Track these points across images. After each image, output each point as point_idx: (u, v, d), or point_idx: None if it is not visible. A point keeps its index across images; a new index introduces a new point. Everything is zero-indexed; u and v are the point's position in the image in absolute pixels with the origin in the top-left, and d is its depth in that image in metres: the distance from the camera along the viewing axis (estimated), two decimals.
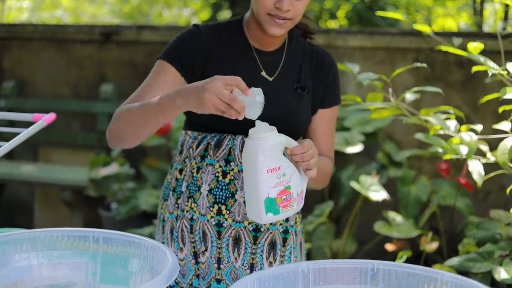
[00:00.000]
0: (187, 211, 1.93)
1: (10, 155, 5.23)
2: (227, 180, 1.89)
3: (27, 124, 2.31)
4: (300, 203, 1.76)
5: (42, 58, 5.17)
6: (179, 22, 10.36)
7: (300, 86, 1.95)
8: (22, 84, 5.23)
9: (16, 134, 2.22)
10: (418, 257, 3.44)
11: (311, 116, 1.98)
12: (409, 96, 2.73)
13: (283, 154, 1.73)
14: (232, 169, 1.89)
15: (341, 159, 3.96)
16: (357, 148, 3.82)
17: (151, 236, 3.80)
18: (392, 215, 3.64)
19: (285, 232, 1.95)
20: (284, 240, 1.95)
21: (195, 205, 1.92)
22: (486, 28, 7.75)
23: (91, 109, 4.98)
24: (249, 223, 1.90)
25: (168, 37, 4.80)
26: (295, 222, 2.00)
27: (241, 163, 1.87)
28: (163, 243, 1.98)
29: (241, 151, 1.87)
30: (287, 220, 1.95)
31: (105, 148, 4.84)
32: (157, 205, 4.11)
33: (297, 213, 1.99)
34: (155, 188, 4.30)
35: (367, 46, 4.30)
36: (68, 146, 5.14)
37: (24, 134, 2.20)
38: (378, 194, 3.61)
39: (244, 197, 1.84)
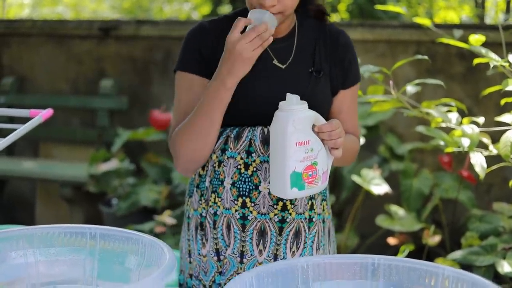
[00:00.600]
0: (210, 206, 1.89)
1: (11, 151, 5.21)
2: (249, 172, 1.85)
3: (25, 120, 2.28)
4: (325, 182, 1.74)
5: (41, 54, 5.14)
6: (180, 16, 10.33)
7: (316, 70, 1.89)
8: (22, 80, 5.20)
9: (13, 130, 2.20)
10: (421, 251, 3.41)
11: (331, 98, 1.93)
12: (410, 88, 2.70)
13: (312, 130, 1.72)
14: (254, 160, 1.85)
15: None
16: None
17: (151, 232, 3.78)
18: (394, 208, 3.62)
19: (310, 220, 1.90)
20: (311, 230, 1.90)
21: (219, 199, 1.87)
22: (488, 20, 7.72)
23: (90, 104, 4.96)
24: (275, 215, 1.85)
25: (167, 31, 4.79)
26: (323, 210, 1.95)
27: (262, 153, 1.84)
28: (189, 240, 1.95)
29: (261, 141, 1.84)
30: (312, 208, 1.89)
31: (105, 143, 4.82)
32: (158, 201, 4.09)
33: (324, 199, 1.95)
34: (156, 184, 4.28)
35: (368, 39, 4.27)
36: (68, 142, 5.11)
37: (21, 130, 2.17)
38: (379, 187, 3.59)
39: (269, 188, 1.82)
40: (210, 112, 1.78)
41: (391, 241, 3.56)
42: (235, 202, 1.86)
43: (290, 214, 1.86)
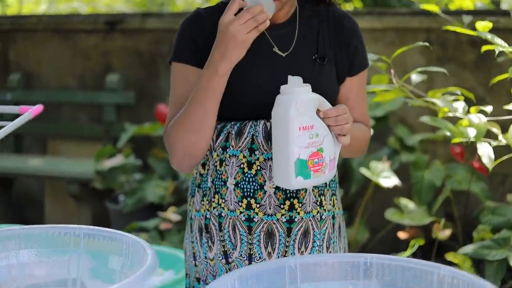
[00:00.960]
0: (214, 208, 1.78)
1: (19, 149, 5.18)
2: (253, 171, 1.74)
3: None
4: (332, 170, 1.64)
5: (47, 50, 5.10)
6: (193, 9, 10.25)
7: (319, 56, 1.77)
8: (28, 76, 5.16)
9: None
10: (432, 245, 3.32)
11: (338, 85, 1.82)
12: (416, 77, 2.61)
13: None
14: (258, 159, 1.74)
15: None
16: None
17: (156, 228, 3.72)
18: (404, 201, 3.52)
19: (320, 218, 1.79)
20: (321, 228, 1.80)
21: (223, 200, 1.77)
22: (505, 6, 7.55)
23: (97, 100, 4.90)
24: (282, 215, 1.74)
25: (173, 24, 4.71)
26: (333, 205, 1.83)
27: (266, 150, 1.74)
28: (192, 242, 1.85)
29: (264, 137, 1.74)
30: (321, 204, 1.78)
31: (112, 139, 4.76)
32: (164, 197, 4.03)
33: (334, 194, 1.84)
34: (163, 179, 4.21)
35: (376, 27, 4.17)
36: (76, 138, 5.07)
37: (9, 126, 2.11)
38: (389, 180, 3.50)
39: (274, 187, 1.73)
40: (204, 101, 1.69)
41: (402, 235, 3.47)
42: (240, 203, 1.75)
43: (298, 213, 1.76)
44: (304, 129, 1.58)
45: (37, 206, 5.11)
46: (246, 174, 1.75)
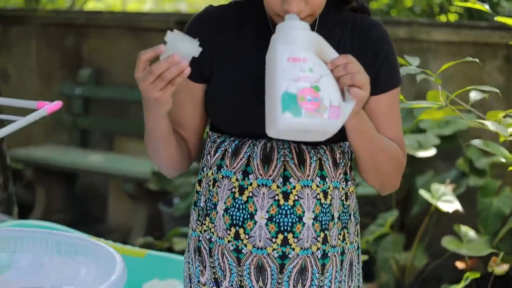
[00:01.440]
0: (205, 231, 1.60)
1: (85, 144, 5.18)
2: (244, 198, 1.54)
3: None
4: (335, 118, 1.35)
5: (119, 47, 5.08)
6: None
7: None
8: (99, 72, 5.16)
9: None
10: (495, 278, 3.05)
11: None
12: (474, 95, 2.38)
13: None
14: (251, 184, 1.54)
15: (417, 163, 3.61)
16: (429, 153, 3.45)
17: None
18: (465, 229, 3.25)
19: (324, 256, 1.56)
20: (323, 267, 1.56)
21: (212, 225, 1.58)
22: None
23: None
24: (274, 250, 1.53)
25: None
26: (342, 240, 1.60)
27: (261, 175, 1.53)
28: (189, 262, 1.67)
29: (261, 159, 1.53)
30: (326, 241, 1.55)
31: None
32: None
33: (345, 227, 1.59)
34: None
35: (454, 40, 3.90)
36: (141, 137, 5.00)
37: (21, 122, 2.01)
38: (450, 205, 3.24)
39: (266, 218, 1.52)
40: (150, 135, 1.56)
41: (460, 265, 3.20)
42: (228, 231, 1.56)
43: (293, 249, 1.54)
44: (294, 61, 1.34)
45: (101, 202, 5.11)
46: (236, 200, 1.55)
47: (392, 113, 1.61)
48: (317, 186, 1.55)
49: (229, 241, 1.56)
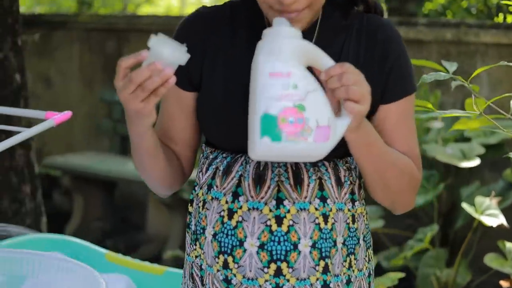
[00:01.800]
0: (196, 257, 1.46)
1: (125, 151, 5.12)
2: (233, 223, 1.39)
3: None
4: (322, 141, 1.20)
5: None
6: None
7: None
8: None
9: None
10: None
11: (369, 115, 1.39)
12: None
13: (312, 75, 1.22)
14: (241, 207, 1.39)
15: (461, 174, 3.41)
16: (473, 163, 3.24)
17: None
18: (510, 245, 3.04)
19: (325, 287, 1.40)
20: None
21: (202, 251, 1.44)
22: None
23: None
24: (266, 281, 1.38)
25: None
26: (348, 267, 1.43)
27: (252, 197, 1.38)
28: None
29: (253, 179, 1.38)
30: (327, 270, 1.39)
31: None
32: None
33: (352, 253, 1.43)
34: None
35: (503, 42, 3.69)
36: None
37: (26, 133, 1.92)
38: (494, 219, 3.03)
39: (257, 246, 1.37)
40: (136, 150, 1.42)
41: (504, 284, 2.99)
42: (216, 259, 1.41)
43: (288, 280, 1.38)
44: (277, 76, 1.19)
45: (140, 210, 5.03)
46: (225, 225, 1.40)
47: (403, 123, 1.44)
48: (316, 209, 1.39)
49: (218, 270, 1.41)
